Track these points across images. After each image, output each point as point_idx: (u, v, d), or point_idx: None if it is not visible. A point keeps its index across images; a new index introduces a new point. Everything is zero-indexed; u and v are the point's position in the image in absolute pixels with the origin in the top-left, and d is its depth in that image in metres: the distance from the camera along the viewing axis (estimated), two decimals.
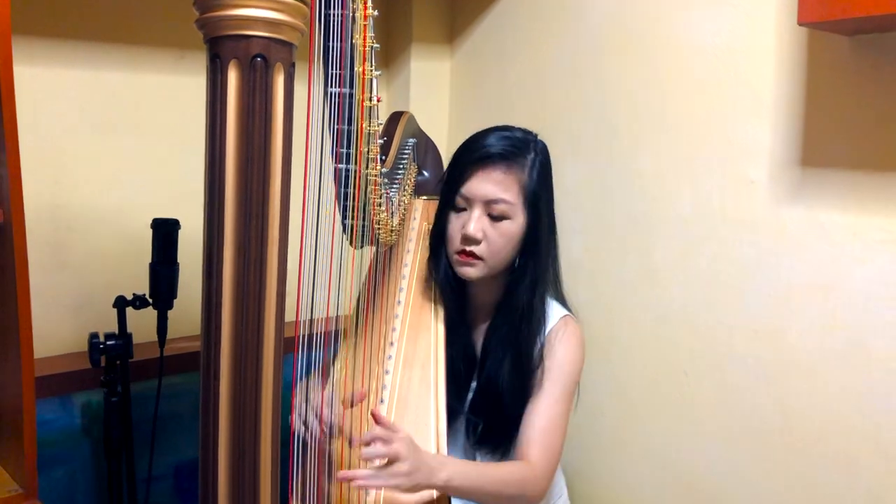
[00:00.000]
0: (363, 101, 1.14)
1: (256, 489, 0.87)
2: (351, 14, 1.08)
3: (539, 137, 1.51)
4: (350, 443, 1.24)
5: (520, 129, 1.50)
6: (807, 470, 1.48)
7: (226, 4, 0.76)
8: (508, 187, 1.42)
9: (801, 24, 1.30)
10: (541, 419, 1.42)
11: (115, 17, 1.75)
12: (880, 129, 1.36)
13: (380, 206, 1.34)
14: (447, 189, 1.49)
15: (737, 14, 1.55)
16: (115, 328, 1.57)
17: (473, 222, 1.43)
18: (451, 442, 1.50)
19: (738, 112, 1.56)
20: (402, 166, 1.51)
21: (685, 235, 1.67)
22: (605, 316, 1.84)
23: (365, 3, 1.10)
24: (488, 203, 1.43)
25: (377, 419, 1.23)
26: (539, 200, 1.45)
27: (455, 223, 1.47)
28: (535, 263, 1.47)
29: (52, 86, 1.68)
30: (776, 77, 1.50)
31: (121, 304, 1.58)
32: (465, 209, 1.46)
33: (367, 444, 1.18)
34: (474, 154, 1.45)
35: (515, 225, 1.44)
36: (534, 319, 1.47)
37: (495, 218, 1.43)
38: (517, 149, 1.45)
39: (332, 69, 1.09)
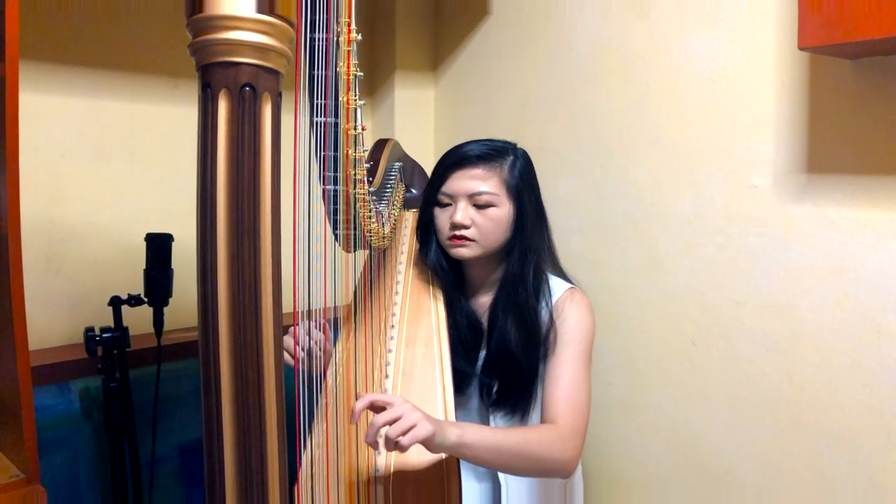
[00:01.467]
0: (348, 130, 1.13)
1: (264, 473, 0.86)
2: (335, 38, 1.06)
3: (520, 147, 1.53)
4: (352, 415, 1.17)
5: (500, 140, 1.52)
6: (810, 443, 1.46)
7: (216, 27, 0.74)
8: (487, 181, 1.45)
9: (801, 48, 1.26)
10: (561, 382, 1.41)
11: (113, 46, 1.77)
12: (888, 140, 1.33)
13: (370, 218, 1.33)
14: (430, 190, 1.50)
15: (734, 39, 1.52)
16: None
17: (460, 212, 1.44)
18: (464, 406, 1.51)
19: (738, 130, 1.53)
20: (389, 186, 1.51)
21: (688, 231, 1.64)
22: (609, 297, 1.81)
23: (349, 27, 1.08)
24: (472, 196, 1.44)
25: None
26: (522, 192, 1.47)
27: (441, 217, 1.48)
28: (523, 238, 1.48)
29: (52, 112, 1.69)
30: (776, 99, 1.47)
31: (116, 302, 1.57)
32: (449, 204, 1.47)
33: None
34: (453, 158, 1.47)
35: (502, 211, 1.46)
36: (529, 285, 1.48)
37: (481, 206, 1.45)
38: (496, 152, 1.47)
39: (316, 99, 1.08)
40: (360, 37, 1.09)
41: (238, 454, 0.83)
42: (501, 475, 1.44)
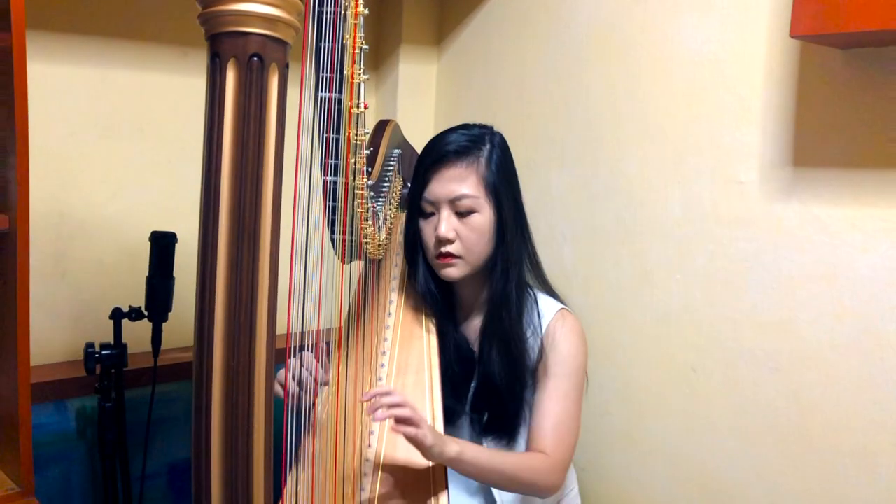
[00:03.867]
0: (351, 107, 1.15)
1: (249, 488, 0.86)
2: (343, 12, 1.08)
3: (497, 130, 1.52)
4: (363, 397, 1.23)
5: (477, 125, 1.51)
6: (825, 465, 1.42)
7: None
8: (466, 180, 1.43)
9: (793, 37, 1.27)
10: (550, 418, 1.41)
11: (121, 14, 1.75)
12: (876, 132, 1.32)
13: (367, 220, 1.34)
14: (412, 198, 1.49)
15: (726, 25, 1.52)
16: (111, 338, 1.57)
17: (444, 223, 1.42)
18: (454, 436, 1.48)
19: (726, 117, 1.53)
20: (387, 178, 1.51)
21: (679, 236, 1.62)
22: (604, 319, 1.78)
23: (356, 1, 1.10)
24: (453, 201, 1.43)
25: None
26: (500, 189, 1.45)
27: (427, 229, 1.47)
28: (503, 251, 1.46)
29: (60, 83, 1.67)
30: (765, 85, 1.47)
31: (117, 315, 1.57)
32: (433, 213, 1.45)
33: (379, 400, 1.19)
34: (431, 157, 1.46)
35: (484, 217, 1.44)
36: (512, 307, 1.46)
37: (463, 214, 1.43)
38: (472, 143, 1.45)
39: (321, 72, 1.10)
40: (367, 11, 1.11)
41: (224, 479, 0.84)
42: (496, 492, 1.45)
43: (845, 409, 1.39)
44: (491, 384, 1.46)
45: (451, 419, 1.45)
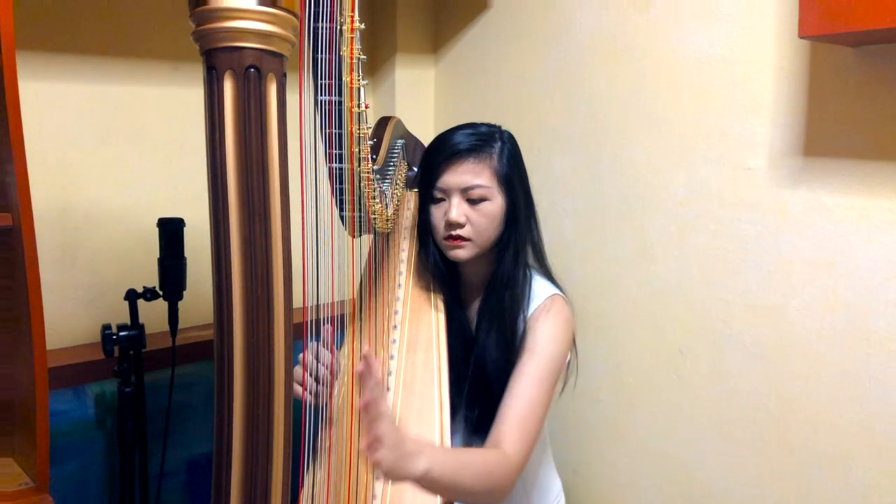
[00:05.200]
0: (352, 108, 1.16)
1: (269, 470, 0.88)
2: (339, 27, 1.09)
3: (504, 128, 1.51)
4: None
5: (484, 123, 1.51)
6: (800, 466, 1.44)
7: (220, 17, 0.78)
8: (480, 173, 1.43)
9: (802, 37, 1.24)
10: (520, 402, 1.36)
11: (112, 32, 1.76)
12: (891, 126, 1.30)
13: (374, 198, 1.35)
14: (424, 185, 1.50)
15: (732, 30, 1.50)
16: (127, 320, 1.57)
17: (454, 208, 1.43)
18: (453, 434, 1.47)
19: (735, 111, 1.51)
20: (392, 163, 1.52)
21: (680, 215, 1.62)
22: (599, 292, 1.79)
23: (352, 17, 1.11)
24: (465, 190, 1.43)
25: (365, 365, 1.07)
26: (513, 180, 1.46)
27: (436, 213, 1.47)
28: (515, 235, 1.47)
29: (54, 99, 1.70)
30: (775, 82, 1.45)
31: (132, 296, 1.58)
32: (443, 199, 1.46)
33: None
34: (444, 153, 1.46)
35: (495, 205, 1.44)
36: (517, 288, 1.46)
37: (474, 201, 1.43)
38: (483, 141, 1.45)
39: (321, 79, 1.11)
40: (363, 25, 1.12)
41: (245, 468, 0.86)
42: None
43: (825, 406, 1.39)
44: (484, 370, 1.45)
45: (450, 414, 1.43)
